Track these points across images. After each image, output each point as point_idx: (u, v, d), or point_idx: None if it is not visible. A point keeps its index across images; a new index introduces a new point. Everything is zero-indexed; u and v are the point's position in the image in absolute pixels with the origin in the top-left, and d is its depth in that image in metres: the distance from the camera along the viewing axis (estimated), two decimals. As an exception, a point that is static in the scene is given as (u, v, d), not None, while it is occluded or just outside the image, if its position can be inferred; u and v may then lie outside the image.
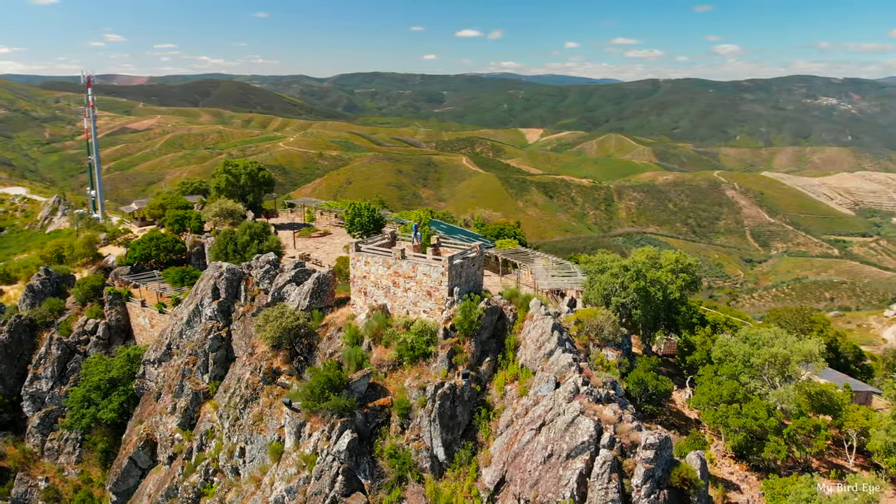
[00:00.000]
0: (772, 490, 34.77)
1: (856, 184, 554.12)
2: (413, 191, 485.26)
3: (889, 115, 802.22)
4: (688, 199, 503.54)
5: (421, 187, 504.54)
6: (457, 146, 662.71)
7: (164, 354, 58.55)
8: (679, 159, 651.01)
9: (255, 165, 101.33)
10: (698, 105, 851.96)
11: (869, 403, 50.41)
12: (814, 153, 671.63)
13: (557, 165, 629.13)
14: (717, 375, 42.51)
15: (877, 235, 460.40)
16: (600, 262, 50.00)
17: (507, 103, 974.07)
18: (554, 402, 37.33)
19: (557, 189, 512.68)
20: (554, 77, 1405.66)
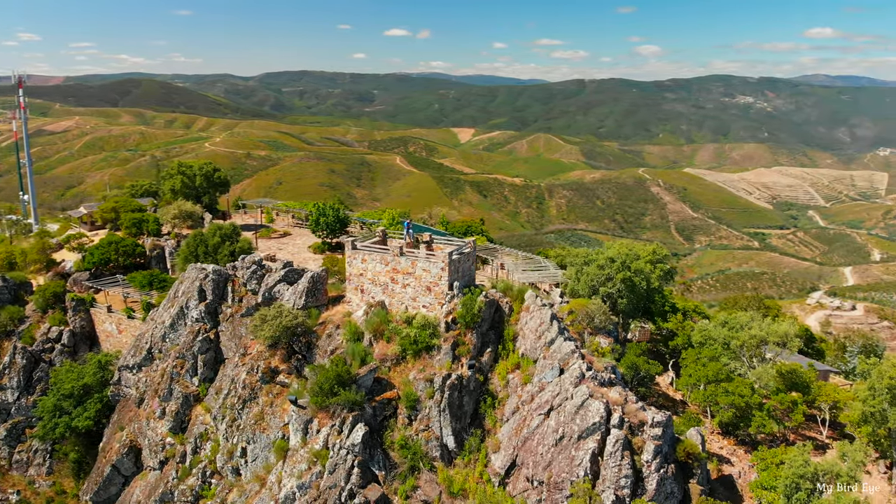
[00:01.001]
0: (764, 461, 37.77)
1: (773, 178, 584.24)
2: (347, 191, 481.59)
3: (803, 112, 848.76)
4: (615, 196, 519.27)
5: (355, 187, 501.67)
6: (390, 145, 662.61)
7: (144, 359, 57.63)
8: (605, 158, 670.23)
9: (210, 166, 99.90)
10: (622, 105, 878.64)
11: (827, 381, 54.69)
12: (733, 150, 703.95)
13: (490, 165, 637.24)
14: (700, 358, 45.54)
15: (794, 227, 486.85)
16: (586, 255, 52.49)
17: (438, 103, 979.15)
18: (560, 387, 39.38)
19: (491, 188, 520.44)
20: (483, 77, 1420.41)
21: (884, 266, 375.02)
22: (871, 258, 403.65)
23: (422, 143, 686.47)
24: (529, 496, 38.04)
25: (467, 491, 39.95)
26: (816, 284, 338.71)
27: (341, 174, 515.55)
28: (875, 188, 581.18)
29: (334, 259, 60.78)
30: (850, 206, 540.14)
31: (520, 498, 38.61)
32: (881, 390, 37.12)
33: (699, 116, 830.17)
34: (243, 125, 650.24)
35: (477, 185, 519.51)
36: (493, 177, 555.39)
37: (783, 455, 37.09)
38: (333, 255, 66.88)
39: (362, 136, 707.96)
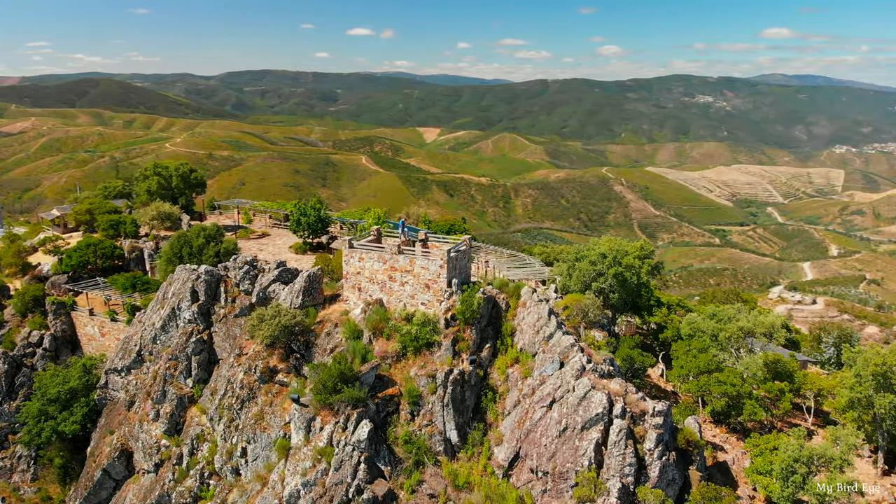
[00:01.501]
0: (757, 447, 39.31)
1: (732, 176, 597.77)
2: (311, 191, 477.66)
3: (760, 111, 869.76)
4: (579, 195, 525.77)
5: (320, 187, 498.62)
6: (355, 145, 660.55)
7: (133, 362, 57.11)
8: (569, 157, 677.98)
9: (186, 167, 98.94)
10: (585, 105, 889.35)
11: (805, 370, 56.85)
12: (693, 148, 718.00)
13: (456, 164, 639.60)
14: (691, 350, 47.05)
15: (753, 224, 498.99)
16: (577, 252, 53.73)
17: (403, 102, 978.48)
18: (562, 380, 40.40)
19: (457, 188, 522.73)
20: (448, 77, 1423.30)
21: (841, 261, 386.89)
22: (828, 253, 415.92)
23: (387, 143, 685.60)
24: (534, 487, 38.98)
25: (472, 484, 40.72)
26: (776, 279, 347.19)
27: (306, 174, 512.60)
28: (831, 185, 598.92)
29: (326, 258, 60.96)
30: (808, 202, 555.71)
31: (524, 489, 39.52)
32: (866, 377, 38.99)
33: (660, 116, 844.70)
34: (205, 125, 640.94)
35: (444, 185, 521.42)
36: (460, 176, 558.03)
37: (775, 441, 38.67)
38: (325, 254, 66.95)
39: (326, 135, 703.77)
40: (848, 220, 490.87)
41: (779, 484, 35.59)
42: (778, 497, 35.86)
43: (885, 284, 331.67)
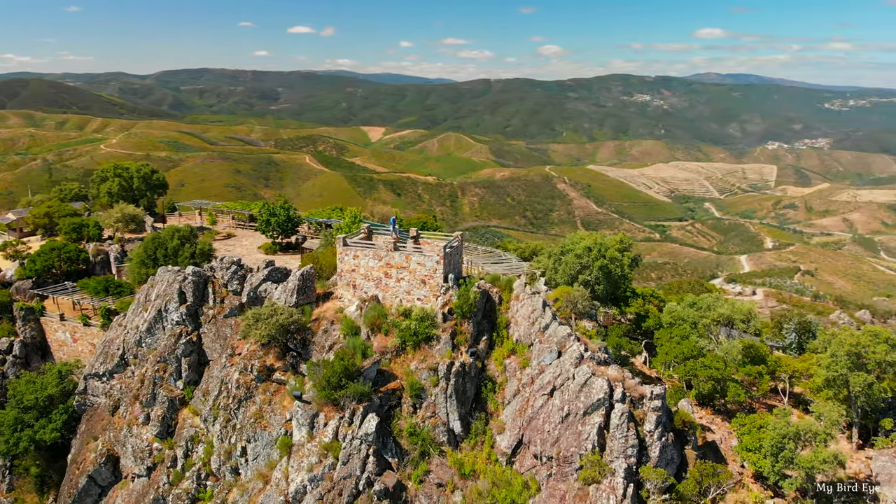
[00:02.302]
0: (744, 426, 41.82)
1: (671, 173, 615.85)
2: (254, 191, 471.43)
3: (696, 109, 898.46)
4: (524, 194, 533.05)
5: (262, 188, 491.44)
6: (298, 144, 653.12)
7: (116, 366, 56.21)
8: (513, 156, 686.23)
9: (147, 168, 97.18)
10: (528, 104, 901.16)
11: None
12: (632, 146, 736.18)
13: (402, 164, 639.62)
14: (674, 337, 49.48)
15: (691, 219, 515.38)
16: (562, 246, 55.61)
17: (346, 101, 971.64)
18: (561, 368, 42.09)
19: (404, 187, 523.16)
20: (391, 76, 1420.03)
21: (776, 253, 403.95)
22: (764, 246, 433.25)
23: (331, 142, 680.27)
24: (539, 472, 40.53)
25: (478, 472, 42.02)
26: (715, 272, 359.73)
27: (247, 174, 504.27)
28: (765, 180, 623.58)
29: (313, 257, 61.24)
30: (743, 197, 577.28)
31: (528, 475, 41.05)
32: (841, 357, 42.00)
33: (600, 115, 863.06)
34: (141, 125, 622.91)
35: (390, 184, 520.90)
36: (407, 175, 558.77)
37: (761, 420, 41.26)
38: (312, 253, 67.09)
39: (268, 134, 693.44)
40: (781, 214, 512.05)
41: (769, 459, 38.08)
42: (768, 472, 38.36)
43: (818, 275, 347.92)
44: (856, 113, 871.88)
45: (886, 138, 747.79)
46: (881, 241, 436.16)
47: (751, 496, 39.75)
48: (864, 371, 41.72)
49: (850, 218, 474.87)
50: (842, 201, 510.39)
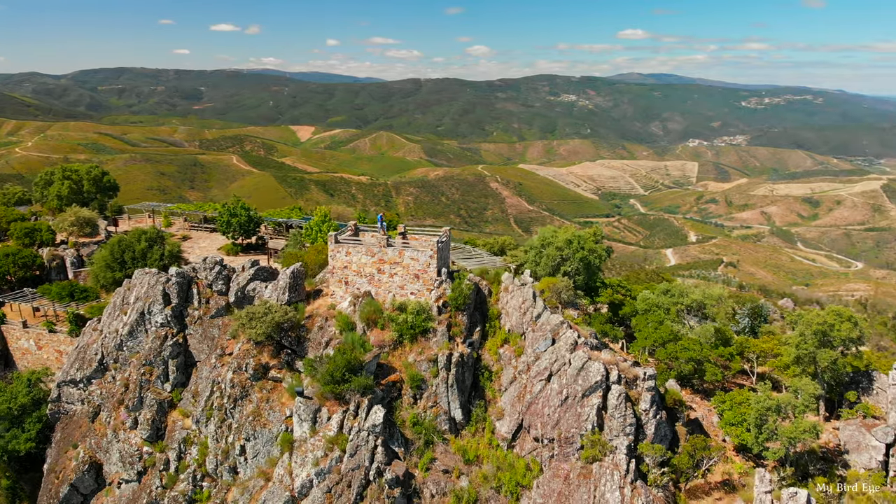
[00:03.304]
0: (724, 403, 44.91)
1: (597, 171, 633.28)
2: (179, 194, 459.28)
3: (620, 108, 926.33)
4: (458, 192, 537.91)
5: (188, 189, 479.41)
6: (224, 145, 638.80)
7: (95, 371, 54.96)
8: (446, 155, 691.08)
9: (97, 170, 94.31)
10: (458, 104, 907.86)
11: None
12: (560, 145, 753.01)
13: (333, 163, 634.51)
14: (651, 323, 52.42)
15: (618, 215, 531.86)
16: (543, 239, 57.79)
17: (273, 100, 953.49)
18: (557, 354, 44.23)
19: (337, 187, 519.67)
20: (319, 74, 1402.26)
21: (700, 246, 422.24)
22: (688, 240, 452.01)
23: (259, 142, 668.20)
24: (540, 454, 42.55)
25: (481, 457, 43.75)
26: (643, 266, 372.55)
27: (172, 176, 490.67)
28: (687, 176, 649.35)
29: (298, 255, 61.39)
30: (667, 193, 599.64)
31: (529, 457, 43.04)
32: (809, 336, 45.72)
33: (529, 115, 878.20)
34: (57, 127, 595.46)
35: (322, 185, 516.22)
36: (339, 175, 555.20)
37: (740, 397, 44.49)
38: (296, 251, 67.04)
39: (192, 135, 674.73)
40: (703, 209, 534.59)
41: (753, 431, 41.22)
42: (752, 443, 41.51)
43: (741, 266, 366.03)
44: (771, 110, 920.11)
45: (800, 134, 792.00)
46: (798, 232, 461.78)
47: (735, 467, 42.91)
48: (830, 348, 45.57)
49: (768, 211, 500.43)
50: (760, 195, 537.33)
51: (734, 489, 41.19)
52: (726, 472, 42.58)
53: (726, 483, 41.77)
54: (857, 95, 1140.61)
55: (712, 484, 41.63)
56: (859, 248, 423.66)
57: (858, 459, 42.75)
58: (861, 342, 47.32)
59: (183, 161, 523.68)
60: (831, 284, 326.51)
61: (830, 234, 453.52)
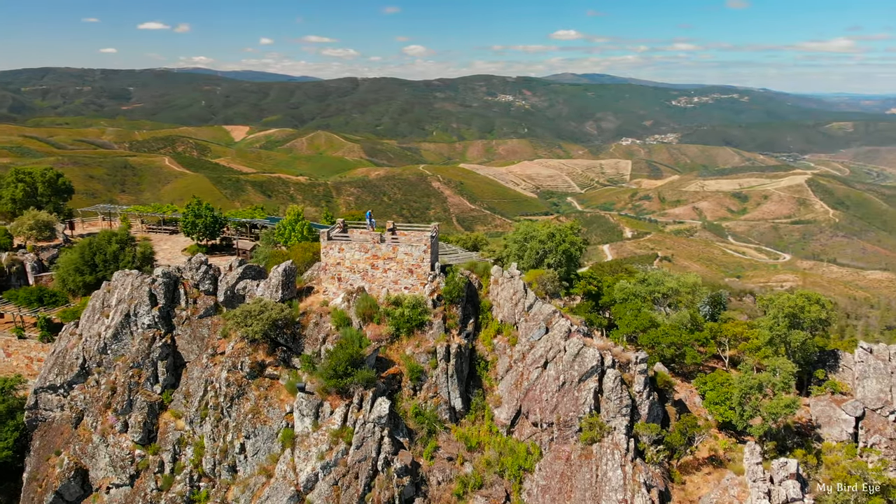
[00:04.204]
0: (705, 385, 47.63)
1: (535, 170, 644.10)
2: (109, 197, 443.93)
3: (555, 108, 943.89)
4: (400, 192, 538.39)
5: (119, 193, 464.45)
6: (155, 146, 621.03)
7: (77, 376, 53.77)
8: (386, 155, 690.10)
9: (52, 172, 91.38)
10: (397, 103, 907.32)
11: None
12: (499, 145, 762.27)
13: (270, 164, 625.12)
14: (631, 311, 54.93)
15: (556, 213, 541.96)
16: (525, 233, 59.65)
17: (206, 100, 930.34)
18: (551, 342, 46.06)
19: (275, 187, 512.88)
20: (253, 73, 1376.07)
21: (635, 242, 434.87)
22: (624, 236, 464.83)
23: (192, 143, 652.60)
24: (540, 438, 44.28)
25: (482, 444, 45.16)
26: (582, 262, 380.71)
27: (102, 179, 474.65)
28: (621, 174, 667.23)
29: (281, 253, 61.40)
30: (602, 191, 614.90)
31: (529, 442, 44.72)
32: (781, 318, 48.99)
33: (467, 114, 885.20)
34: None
35: (259, 185, 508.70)
36: (277, 176, 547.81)
37: (721, 378, 47.31)
38: (279, 249, 66.84)
39: (121, 136, 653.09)
40: (638, 205, 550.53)
41: (737, 409, 43.99)
42: (736, 420, 44.29)
43: (675, 260, 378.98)
44: (700, 109, 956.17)
45: (728, 132, 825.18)
46: (728, 226, 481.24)
47: (720, 443, 45.65)
48: (800, 329, 48.95)
49: (700, 206, 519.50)
50: (691, 191, 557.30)
51: (721, 464, 43.84)
52: (712, 449, 45.22)
53: (713, 458, 44.39)
54: (781, 94, 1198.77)
55: (700, 460, 44.17)
56: (787, 241, 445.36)
57: (830, 433, 46.16)
58: (828, 323, 50.94)
59: (112, 163, 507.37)
60: (762, 276, 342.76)
61: (759, 227, 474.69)
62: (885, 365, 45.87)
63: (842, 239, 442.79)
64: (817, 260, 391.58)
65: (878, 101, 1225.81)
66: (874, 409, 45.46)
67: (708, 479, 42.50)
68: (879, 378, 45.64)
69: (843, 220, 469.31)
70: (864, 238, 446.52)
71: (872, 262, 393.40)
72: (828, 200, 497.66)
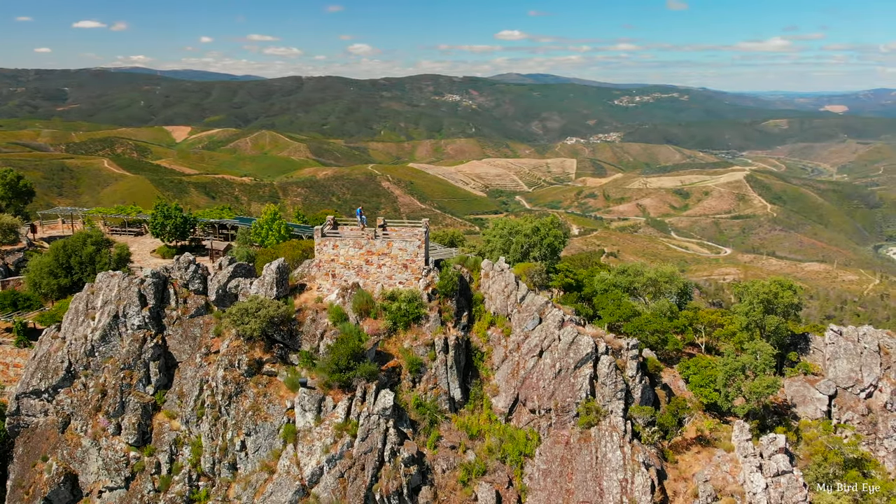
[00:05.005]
0: (688, 369, 50.10)
1: (484, 170, 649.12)
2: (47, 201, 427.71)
3: (502, 108, 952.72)
4: (349, 192, 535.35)
5: (56, 196, 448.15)
6: (93, 148, 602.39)
7: (62, 380, 52.75)
8: (334, 155, 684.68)
9: (12, 173, 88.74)
10: (343, 102, 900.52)
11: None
12: (447, 145, 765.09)
13: (213, 164, 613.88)
14: (614, 301, 57.15)
15: (506, 212, 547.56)
16: (510, 228, 61.30)
17: (145, 100, 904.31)
18: (546, 331, 47.75)
19: (219, 188, 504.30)
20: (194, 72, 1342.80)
21: (583, 238, 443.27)
22: (571, 233, 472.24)
23: (131, 144, 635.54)
24: (538, 424, 45.90)
25: (483, 432, 46.47)
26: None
27: (38, 183, 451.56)
28: (567, 173, 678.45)
29: (269, 252, 61.37)
30: (549, 189, 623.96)
31: (527, 428, 46.31)
32: (757, 304, 51.87)
33: (414, 114, 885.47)
34: None
35: (203, 187, 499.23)
36: (220, 177, 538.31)
37: (703, 362, 49.88)
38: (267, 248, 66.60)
39: (57, 138, 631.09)
40: (584, 203, 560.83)
41: (722, 391, 46.51)
42: (721, 401, 46.82)
43: (621, 256, 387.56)
44: (642, 108, 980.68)
45: (669, 130, 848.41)
46: (671, 222, 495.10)
47: (706, 424, 48.09)
48: (774, 314, 51.93)
49: (643, 203, 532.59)
50: (635, 189, 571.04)
51: (709, 443, 46.24)
52: (699, 430, 47.60)
53: (700, 439, 46.75)
54: (719, 92, 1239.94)
55: (689, 440, 46.48)
56: (727, 235, 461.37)
57: (806, 411, 49.21)
58: (799, 308, 54.14)
59: (49, 166, 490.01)
60: (705, 270, 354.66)
61: (700, 222, 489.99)
62: (854, 346, 49.17)
63: (780, 232, 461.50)
64: (757, 253, 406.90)
65: (812, 98, 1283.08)
66: (845, 387, 48.69)
67: (698, 458, 44.81)
68: (850, 358, 48.89)
69: (781, 215, 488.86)
70: (800, 231, 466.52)
71: (809, 254, 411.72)
72: (766, 196, 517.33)
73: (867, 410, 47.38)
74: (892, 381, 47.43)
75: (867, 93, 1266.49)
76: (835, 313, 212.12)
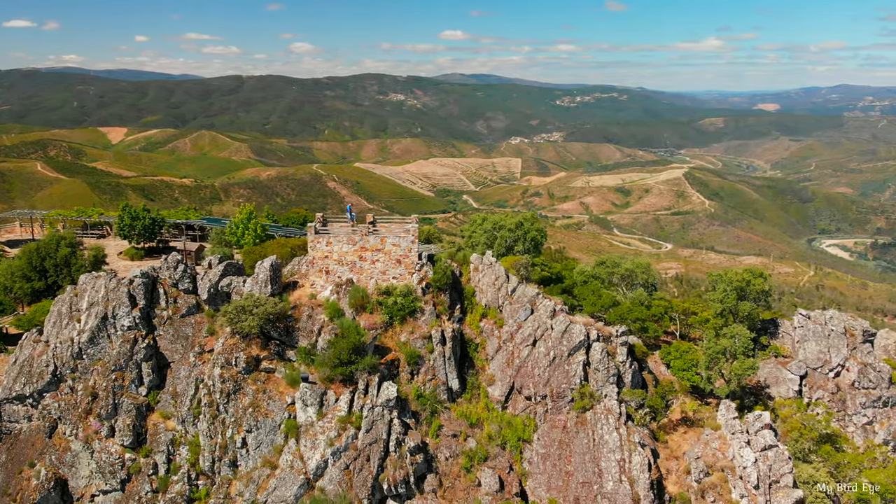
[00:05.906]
0: (669, 355, 52.66)
1: (431, 169, 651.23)
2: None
3: (446, 108, 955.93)
4: (294, 192, 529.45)
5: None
6: (25, 151, 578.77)
7: (47, 384, 51.71)
8: (276, 155, 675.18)
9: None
10: (285, 101, 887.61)
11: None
12: (393, 144, 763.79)
13: (151, 166, 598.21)
14: (595, 292, 59.39)
15: (454, 211, 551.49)
16: (494, 224, 62.90)
17: (78, 100, 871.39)
18: (538, 321, 49.54)
19: (158, 191, 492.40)
20: (128, 72, 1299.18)
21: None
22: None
23: (65, 146, 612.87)
24: (534, 410, 47.64)
25: (481, 420, 47.91)
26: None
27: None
28: (512, 172, 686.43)
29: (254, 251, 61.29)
30: (496, 188, 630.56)
31: (524, 415, 48.00)
32: (731, 292, 54.89)
33: (359, 113, 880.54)
34: None
35: (141, 189, 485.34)
36: (159, 178, 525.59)
37: (684, 347, 52.51)
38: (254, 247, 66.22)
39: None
40: (529, 201, 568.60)
41: (705, 373, 49.17)
42: (703, 384, 49.45)
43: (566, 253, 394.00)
44: (583, 108, 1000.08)
45: (609, 130, 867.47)
46: (613, 219, 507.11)
47: (689, 405, 50.72)
48: (747, 301, 55.05)
49: (586, 201, 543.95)
50: (578, 187, 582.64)
51: (693, 424, 48.87)
52: (683, 411, 50.22)
53: (685, 419, 49.34)
54: (657, 92, 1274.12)
55: (675, 421, 49.01)
56: (668, 231, 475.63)
57: (779, 391, 52.39)
58: (769, 294, 57.41)
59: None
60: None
61: (642, 219, 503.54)
62: (822, 328, 52.62)
63: (718, 228, 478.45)
64: (697, 248, 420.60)
65: (746, 97, 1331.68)
66: (815, 368, 52.08)
67: (686, 437, 47.34)
68: (818, 340, 52.33)
69: (719, 210, 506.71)
70: (737, 226, 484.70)
71: (746, 248, 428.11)
72: (704, 192, 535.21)
73: (836, 389, 50.82)
74: (858, 360, 51.00)
75: (798, 91, 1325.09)
76: (774, 304, 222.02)
